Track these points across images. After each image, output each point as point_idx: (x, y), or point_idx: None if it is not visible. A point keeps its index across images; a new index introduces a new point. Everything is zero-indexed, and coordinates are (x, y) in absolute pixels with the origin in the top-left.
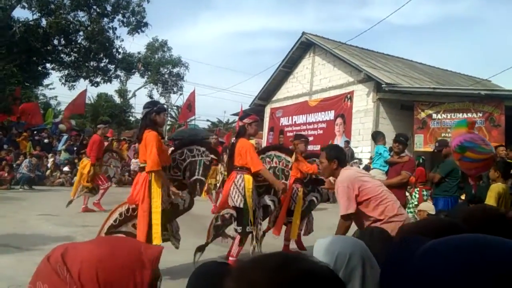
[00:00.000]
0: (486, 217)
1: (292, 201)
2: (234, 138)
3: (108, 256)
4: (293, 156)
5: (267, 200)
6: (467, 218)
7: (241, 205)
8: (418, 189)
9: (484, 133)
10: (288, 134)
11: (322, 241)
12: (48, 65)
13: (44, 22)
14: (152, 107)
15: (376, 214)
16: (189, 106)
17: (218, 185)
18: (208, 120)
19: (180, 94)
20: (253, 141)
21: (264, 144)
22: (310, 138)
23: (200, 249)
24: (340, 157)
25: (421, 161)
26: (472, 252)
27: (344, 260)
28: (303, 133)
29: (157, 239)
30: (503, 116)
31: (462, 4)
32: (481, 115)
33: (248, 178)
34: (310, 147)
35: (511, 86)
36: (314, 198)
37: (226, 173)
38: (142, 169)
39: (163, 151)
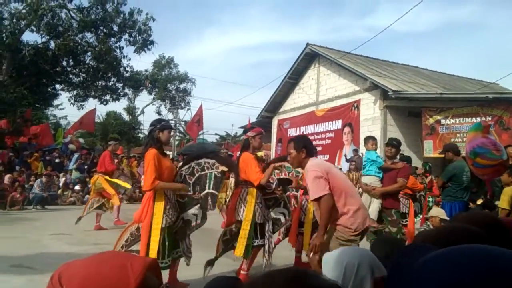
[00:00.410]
0: (482, 225)
1: (302, 213)
2: (239, 152)
3: (93, 274)
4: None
5: (277, 212)
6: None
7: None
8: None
9: (494, 136)
10: None
11: (330, 254)
12: (57, 86)
13: (52, 44)
14: (156, 124)
15: (340, 205)
16: (198, 120)
17: (227, 199)
18: (216, 134)
19: (188, 109)
20: (261, 153)
21: (272, 155)
22: (319, 148)
23: (210, 263)
24: (308, 146)
25: (427, 168)
26: (478, 262)
27: (353, 270)
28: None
29: (152, 255)
30: None
31: (464, 10)
32: (490, 118)
33: (252, 191)
34: (319, 157)
35: None
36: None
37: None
38: None
39: (167, 167)
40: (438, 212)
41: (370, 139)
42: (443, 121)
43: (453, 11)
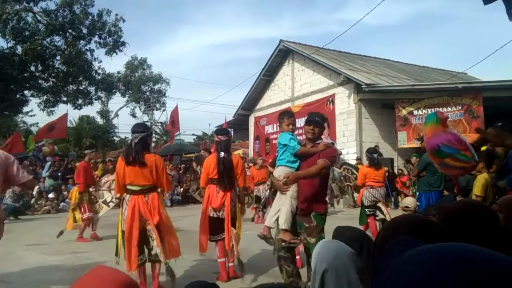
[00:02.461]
0: (465, 213)
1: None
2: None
3: None
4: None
5: None
6: (448, 215)
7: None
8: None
9: (464, 125)
10: (274, 141)
11: (315, 250)
12: (26, 92)
13: (19, 49)
14: (147, 131)
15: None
16: (173, 122)
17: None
18: (193, 134)
19: (163, 110)
20: (239, 151)
21: (250, 153)
22: None
23: None
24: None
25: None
26: (458, 263)
27: (332, 275)
28: None
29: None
30: (481, 107)
31: (432, 2)
32: (460, 107)
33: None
34: None
35: (488, 77)
36: None
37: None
38: (142, 191)
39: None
40: (410, 202)
41: (285, 115)
42: (415, 112)
43: (421, 4)
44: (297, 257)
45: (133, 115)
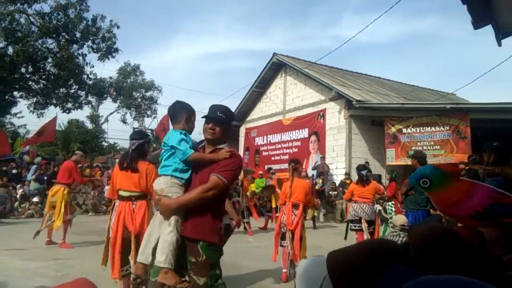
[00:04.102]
0: (433, 239)
1: (283, 225)
2: None
3: None
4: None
5: (227, 219)
6: (417, 239)
7: None
8: (392, 203)
9: (452, 145)
10: (264, 153)
11: (302, 266)
12: (15, 93)
13: (10, 50)
14: (145, 138)
15: None
16: (163, 129)
17: None
18: None
19: (154, 118)
20: None
21: None
22: (285, 157)
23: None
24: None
25: (393, 176)
26: None
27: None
28: (278, 151)
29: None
30: (468, 128)
31: (424, 22)
32: (448, 127)
33: None
34: (286, 165)
35: (476, 99)
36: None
37: None
38: (130, 198)
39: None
40: (399, 220)
41: (179, 109)
42: (404, 130)
43: (413, 23)
44: (284, 270)
45: (124, 121)
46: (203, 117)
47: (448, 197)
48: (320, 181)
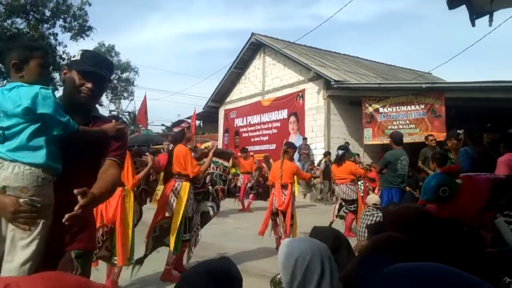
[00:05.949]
0: (408, 219)
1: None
2: (171, 145)
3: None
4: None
5: (207, 206)
6: (394, 220)
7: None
8: (361, 182)
9: (426, 124)
10: (243, 135)
11: (286, 242)
12: None
13: None
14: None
15: None
16: (145, 113)
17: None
18: (162, 125)
19: (131, 100)
20: (208, 144)
21: (220, 146)
22: (265, 138)
23: (139, 261)
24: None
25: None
26: (429, 282)
27: (303, 264)
28: (258, 133)
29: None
30: (443, 107)
31: (402, 1)
32: (423, 106)
33: (185, 185)
34: (265, 146)
35: (451, 78)
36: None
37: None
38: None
39: None
40: (371, 199)
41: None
42: (381, 110)
43: (391, 1)
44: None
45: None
46: (80, 71)
47: (465, 204)
48: (323, 160)
